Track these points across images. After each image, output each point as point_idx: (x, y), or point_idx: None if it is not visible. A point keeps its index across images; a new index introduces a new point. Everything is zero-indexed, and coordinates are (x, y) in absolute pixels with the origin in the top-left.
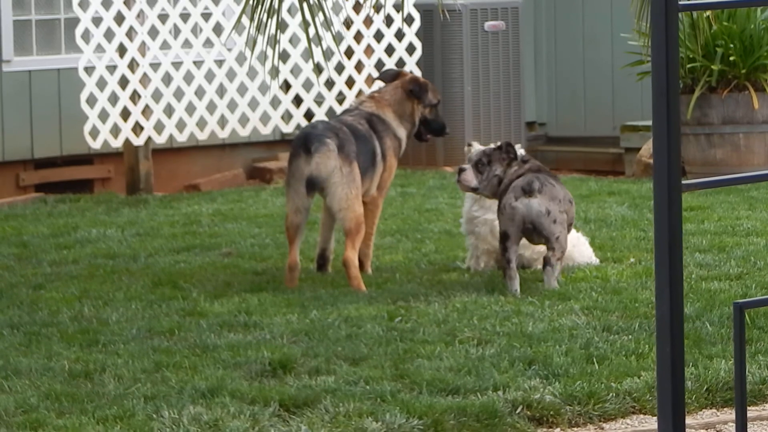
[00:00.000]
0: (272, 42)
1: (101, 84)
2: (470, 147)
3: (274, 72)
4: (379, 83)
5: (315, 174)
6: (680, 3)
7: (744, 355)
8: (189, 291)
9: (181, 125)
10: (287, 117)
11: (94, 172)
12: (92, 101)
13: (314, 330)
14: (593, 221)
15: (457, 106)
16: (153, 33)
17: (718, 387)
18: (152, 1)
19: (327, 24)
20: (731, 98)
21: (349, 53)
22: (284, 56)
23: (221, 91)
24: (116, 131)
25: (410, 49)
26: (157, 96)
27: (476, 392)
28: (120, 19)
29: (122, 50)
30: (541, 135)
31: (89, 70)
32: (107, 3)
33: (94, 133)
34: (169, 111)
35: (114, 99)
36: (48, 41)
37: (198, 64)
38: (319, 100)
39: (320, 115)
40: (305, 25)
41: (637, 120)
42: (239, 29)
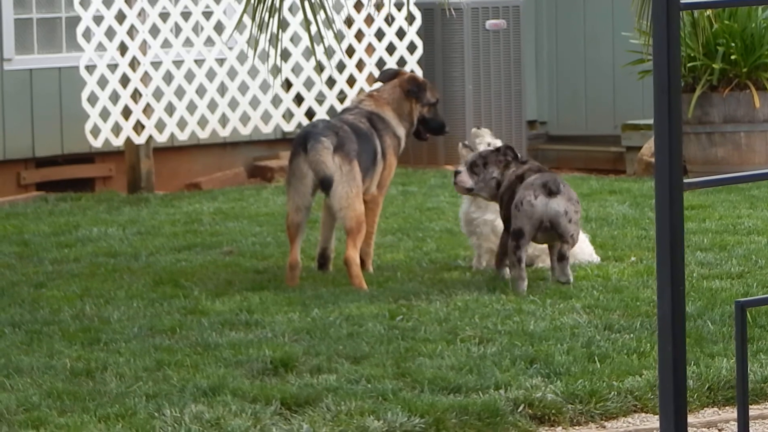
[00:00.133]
0: (273, 41)
1: (102, 82)
2: (465, 146)
3: (276, 71)
4: (379, 84)
5: (327, 172)
6: (681, 2)
7: (745, 354)
8: (190, 289)
9: (183, 124)
10: (288, 116)
11: (96, 171)
12: (93, 100)
13: (316, 328)
14: (594, 220)
15: (458, 105)
16: (154, 32)
17: (720, 385)
18: (153, 0)
19: (328, 22)
20: (732, 97)
21: (351, 52)
22: (285, 55)
23: (222, 90)
24: (117, 130)
25: (411, 48)
26: (159, 95)
27: (478, 391)
28: (121, 18)
29: (123, 49)
30: (542, 134)
31: (90, 69)
32: (108, 1)
33: (96, 132)
34: (171, 110)
35: (115, 97)
36: (49, 40)
37: (199, 63)
38: (321, 99)
39: (321, 114)
40: (307, 24)
41: (639, 119)
42: (240, 28)
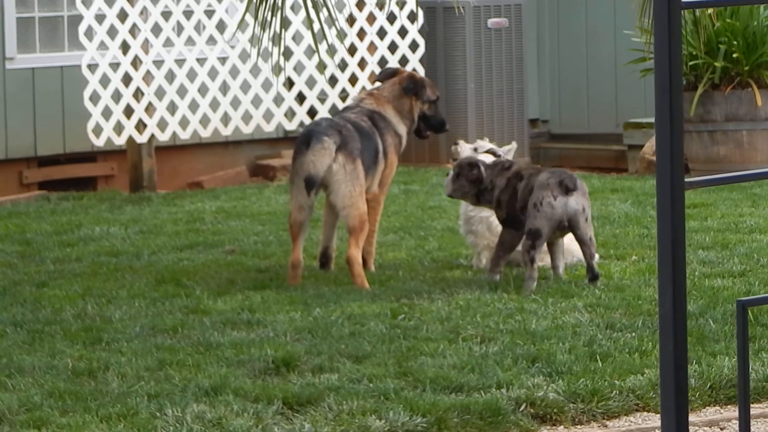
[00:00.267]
0: (276, 39)
1: (104, 81)
2: (456, 146)
3: (278, 69)
4: (378, 83)
5: (313, 172)
6: (683, 0)
7: (747, 353)
8: (192, 288)
9: (185, 123)
10: (290, 114)
11: (98, 170)
12: (95, 99)
13: (317, 328)
14: (596, 218)
15: (460, 104)
16: (156, 30)
17: (722, 384)
18: None
19: (331, 20)
20: (734, 95)
21: (353, 50)
22: (287, 53)
23: (224, 89)
24: (119, 129)
25: (413, 47)
26: (161, 93)
27: (479, 390)
28: (123, 17)
29: (125, 48)
30: (544, 132)
31: (92, 68)
32: (110, 0)
33: (98, 131)
34: (173, 108)
35: (117, 96)
36: (51, 39)
37: (201, 62)
38: (323, 98)
39: (323, 113)
40: (309, 22)
41: (641, 117)
42: (243, 27)
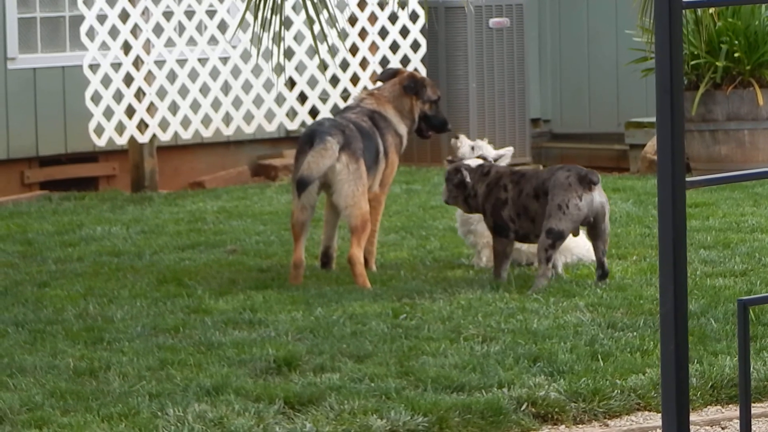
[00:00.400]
0: (277, 39)
1: (106, 81)
2: (457, 140)
3: (279, 69)
4: (379, 83)
5: (306, 174)
6: (684, 0)
7: (748, 352)
8: (194, 288)
9: (186, 123)
10: (292, 114)
11: (99, 170)
12: (97, 99)
13: (319, 327)
14: None
15: (462, 103)
16: (158, 30)
17: (723, 384)
18: None
19: (332, 21)
20: (736, 95)
21: (354, 50)
22: (289, 53)
23: (226, 89)
24: (121, 129)
25: (415, 46)
26: (162, 93)
27: (481, 389)
28: (125, 17)
29: (127, 48)
30: (546, 132)
31: (94, 68)
32: (112, 1)
33: (99, 131)
34: (174, 108)
35: (119, 96)
36: (53, 39)
37: (203, 62)
38: (324, 97)
39: (325, 113)
40: (310, 22)
41: (642, 116)
42: (244, 26)
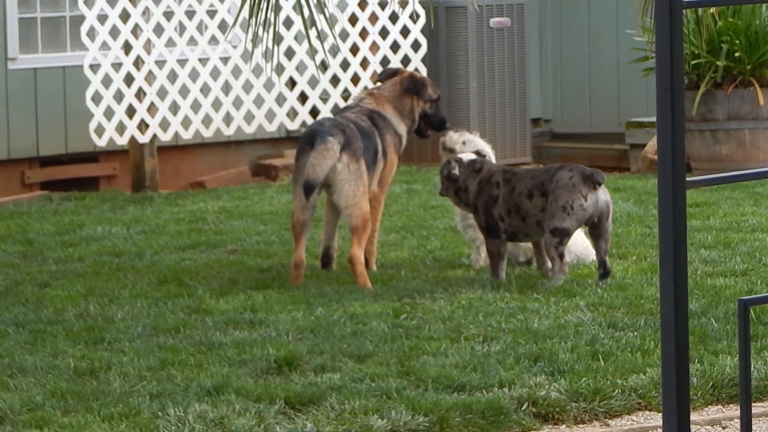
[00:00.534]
0: (277, 39)
1: (106, 81)
2: (445, 138)
3: (279, 69)
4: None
5: (312, 177)
6: None
7: (749, 352)
8: (194, 288)
9: (187, 123)
10: (293, 114)
11: (100, 170)
12: (97, 99)
13: (320, 327)
14: None
15: (463, 103)
16: (158, 30)
17: (724, 383)
18: None
19: (325, 20)
20: (736, 94)
21: (355, 50)
22: (290, 53)
23: (226, 89)
24: (121, 129)
25: (415, 46)
26: (163, 93)
27: (482, 389)
28: (125, 17)
29: (127, 48)
30: (547, 131)
31: (94, 68)
32: (112, 1)
33: (100, 131)
34: (175, 108)
35: (119, 96)
36: (53, 39)
37: (203, 62)
38: (325, 97)
39: (325, 112)
40: (309, 21)
41: (643, 116)
42: (244, 26)
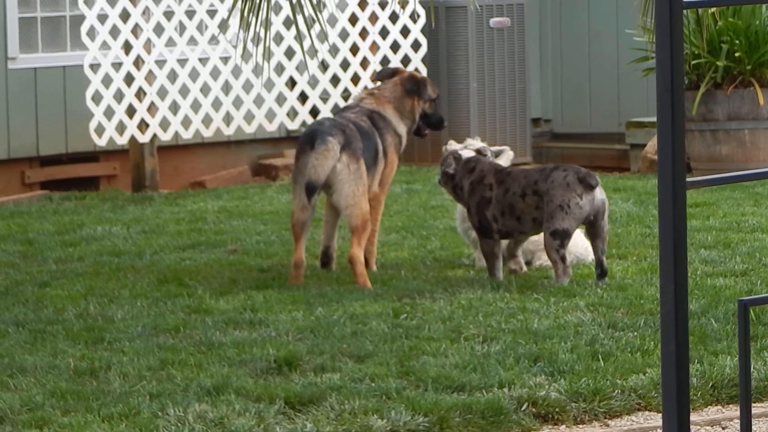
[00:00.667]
0: (276, 39)
1: (107, 81)
2: (446, 147)
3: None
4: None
5: (314, 178)
6: None
7: (748, 352)
8: (194, 288)
9: (187, 122)
10: (293, 114)
11: (100, 170)
12: (98, 98)
13: (319, 327)
14: None
15: (463, 103)
16: (158, 30)
17: (724, 383)
18: None
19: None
20: (736, 94)
21: (355, 50)
22: (290, 53)
23: (227, 88)
24: (122, 128)
25: (415, 46)
26: (163, 93)
27: (481, 389)
28: (125, 17)
29: (128, 47)
30: (547, 131)
31: (95, 68)
32: (112, 0)
33: (100, 131)
34: (175, 108)
35: (119, 96)
36: (53, 38)
37: (203, 61)
38: (325, 97)
39: (326, 112)
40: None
41: (643, 116)
42: (244, 26)
